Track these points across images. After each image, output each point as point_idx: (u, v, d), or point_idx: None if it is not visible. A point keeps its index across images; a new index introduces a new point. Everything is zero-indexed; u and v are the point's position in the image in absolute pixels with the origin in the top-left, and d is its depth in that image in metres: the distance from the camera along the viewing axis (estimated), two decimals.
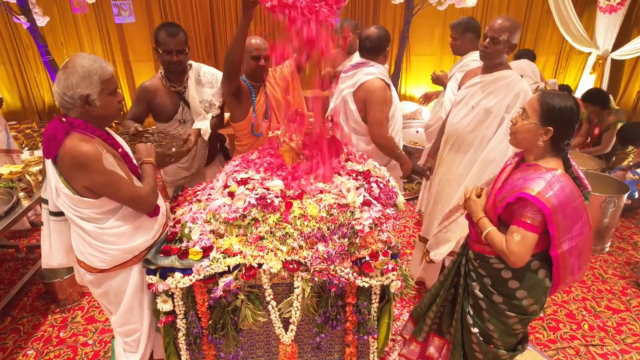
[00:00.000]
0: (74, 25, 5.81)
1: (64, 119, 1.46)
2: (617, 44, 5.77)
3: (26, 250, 3.16)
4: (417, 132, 4.47)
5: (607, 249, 3.25)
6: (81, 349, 2.34)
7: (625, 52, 5.74)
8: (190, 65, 2.34)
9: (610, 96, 4.03)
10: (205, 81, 2.37)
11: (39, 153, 3.05)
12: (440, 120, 2.91)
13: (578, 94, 6.20)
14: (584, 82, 6.26)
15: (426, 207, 2.65)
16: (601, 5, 5.64)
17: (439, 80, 3.15)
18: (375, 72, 2.37)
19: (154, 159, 1.72)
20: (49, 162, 1.50)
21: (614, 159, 4.06)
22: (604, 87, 5.93)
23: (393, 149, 2.45)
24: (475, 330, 1.81)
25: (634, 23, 5.95)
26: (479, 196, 1.72)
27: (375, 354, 2.00)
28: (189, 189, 2.18)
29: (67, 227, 1.63)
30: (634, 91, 6.27)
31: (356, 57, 2.79)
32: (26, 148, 5.45)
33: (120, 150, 1.58)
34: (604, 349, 2.32)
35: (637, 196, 3.93)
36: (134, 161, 1.66)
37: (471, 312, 1.83)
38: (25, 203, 2.41)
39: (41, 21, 4.48)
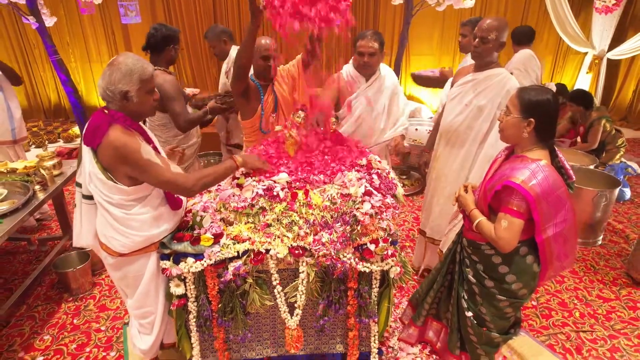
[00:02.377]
0: (80, 26, 5.93)
1: (106, 111, 1.58)
2: (613, 44, 5.88)
3: (38, 243, 3.26)
4: (417, 129, 4.58)
5: (600, 242, 3.36)
6: (94, 334, 2.45)
7: (621, 52, 5.86)
8: None
9: (593, 96, 4.19)
10: None
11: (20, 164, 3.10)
12: None
13: None
14: (581, 82, 6.37)
15: (424, 201, 2.77)
16: (597, 6, 5.75)
17: (445, 75, 3.21)
18: None
19: (243, 163, 1.84)
20: (85, 149, 1.61)
21: (604, 154, 4.18)
22: (600, 86, 6.05)
23: None
24: (469, 314, 1.92)
25: (629, 23, 6.06)
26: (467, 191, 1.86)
27: (376, 337, 2.10)
28: None
29: (97, 211, 1.74)
30: (630, 90, 6.39)
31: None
32: (33, 146, 5.58)
33: (151, 145, 1.69)
34: (593, 335, 2.43)
35: (627, 197, 4.06)
36: (162, 154, 1.77)
37: (465, 297, 1.94)
38: (41, 196, 2.51)
39: (49, 21, 4.59)
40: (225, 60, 3.45)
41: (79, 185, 1.76)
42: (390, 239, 1.86)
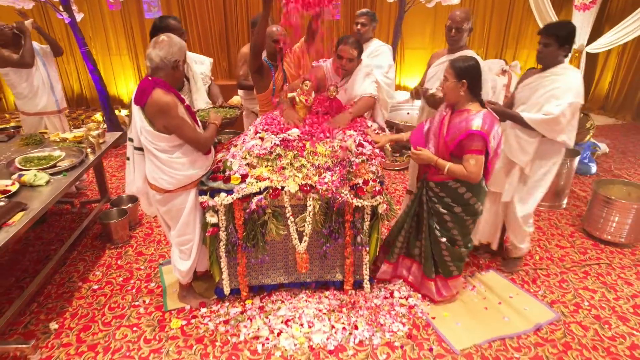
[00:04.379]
0: (101, 22, 6.45)
1: (150, 77, 2.07)
2: (591, 39, 6.39)
3: (79, 206, 3.79)
4: (408, 113, 5.10)
5: (564, 206, 3.88)
6: (136, 271, 2.96)
7: (599, 46, 6.36)
8: None
9: None
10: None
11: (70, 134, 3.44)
12: None
13: None
14: None
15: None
16: (576, 4, 6.26)
17: None
18: None
19: (219, 123, 2.36)
20: (135, 109, 2.11)
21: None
22: None
23: None
24: (443, 239, 2.43)
25: (605, 19, 6.58)
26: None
27: (367, 265, 2.61)
28: (224, 142, 2.81)
29: (145, 160, 2.25)
30: (606, 81, 6.91)
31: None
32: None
33: (185, 104, 2.19)
34: (547, 271, 2.95)
35: (593, 171, 4.58)
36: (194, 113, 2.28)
37: (437, 227, 2.44)
38: (91, 157, 3.03)
39: (77, 17, 5.11)
40: None
41: (131, 140, 2.26)
42: (378, 180, 2.38)
